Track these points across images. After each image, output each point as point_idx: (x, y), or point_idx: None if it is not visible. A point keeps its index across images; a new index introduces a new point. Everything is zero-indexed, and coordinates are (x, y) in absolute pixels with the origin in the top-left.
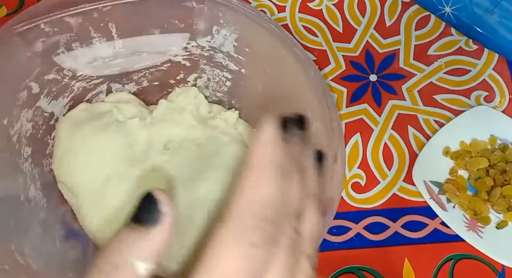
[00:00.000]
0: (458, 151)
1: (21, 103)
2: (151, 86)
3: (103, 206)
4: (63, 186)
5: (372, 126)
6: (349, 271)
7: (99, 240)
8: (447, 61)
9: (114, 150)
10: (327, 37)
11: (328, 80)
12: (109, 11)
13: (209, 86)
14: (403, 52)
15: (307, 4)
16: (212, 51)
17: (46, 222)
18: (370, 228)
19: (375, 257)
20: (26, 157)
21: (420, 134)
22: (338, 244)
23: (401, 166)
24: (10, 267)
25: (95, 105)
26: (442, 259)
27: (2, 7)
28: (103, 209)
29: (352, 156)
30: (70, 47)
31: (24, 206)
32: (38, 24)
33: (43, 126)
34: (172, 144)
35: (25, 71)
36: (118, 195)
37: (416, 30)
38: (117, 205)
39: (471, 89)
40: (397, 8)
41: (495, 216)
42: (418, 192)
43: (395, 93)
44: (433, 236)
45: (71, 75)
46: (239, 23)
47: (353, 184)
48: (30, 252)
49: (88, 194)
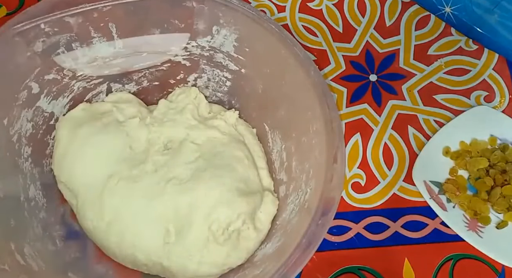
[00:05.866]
0: (458, 151)
1: (21, 103)
2: (151, 86)
3: (103, 206)
4: (63, 186)
5: (372, 126)
6: (349, 271)
7: (98, 240)
8: (447, 61)
9: (114, 150)
10: (327, 37)
11: (328, 80)
12: (109, 11)
13: (209, 86)
14: (403, 52)
15: (307, 4)
16: (212, 51)
17: (46, 222)
18: (370, 228)
19: (375, 257)
20: (26, 157)
21: (420, 134)
22: (338, 244)
23: (401, 166)
24: (10, 267)
25: (95, 105)
26: (442, 259)
27: (2, 7)
28: (103, 209)
29: (352, 156)
30: (70, 47)
31: (24, 206)
32: (38, 24)
33: (43, 126)
34: (172, 144)
35: (25, 71)
36: (118, 195)
37: (416, 30)
38: (117, 205)
39: (471, 89)
40: (397, 8)
41: (495, 216)
42: (418, 192)
43: (395, 93)
44: (433, 236)
45: (71, 75)
46: (239, 23)
47: (353, 184)
48: (30, 252)
49: (88, 194)
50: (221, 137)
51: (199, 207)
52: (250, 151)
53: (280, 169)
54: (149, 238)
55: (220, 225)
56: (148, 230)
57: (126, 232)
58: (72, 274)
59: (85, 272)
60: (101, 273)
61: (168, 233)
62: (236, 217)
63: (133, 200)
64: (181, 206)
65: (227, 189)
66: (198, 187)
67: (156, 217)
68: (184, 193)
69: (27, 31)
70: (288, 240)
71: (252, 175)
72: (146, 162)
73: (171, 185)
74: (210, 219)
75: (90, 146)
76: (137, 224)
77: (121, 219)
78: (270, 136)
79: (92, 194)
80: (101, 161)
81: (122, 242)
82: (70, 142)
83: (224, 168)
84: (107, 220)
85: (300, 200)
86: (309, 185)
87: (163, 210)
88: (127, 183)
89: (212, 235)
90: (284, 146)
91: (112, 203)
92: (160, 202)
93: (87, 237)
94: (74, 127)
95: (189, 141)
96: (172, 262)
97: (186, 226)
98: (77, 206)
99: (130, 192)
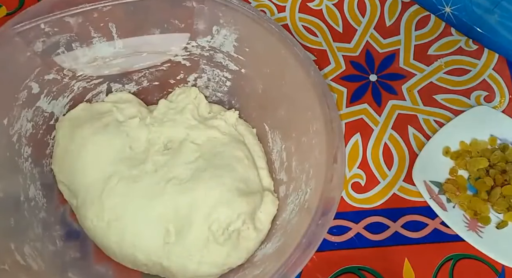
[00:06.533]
0: (458, 151)
1: (21, 103)
2: (151, 86)
3: (103, 206)
4: (63, 186)
5: (372, 126)
6: (349, 271)
7: (98, 240)
8: (447, 61)
9: (114, 150)
10: (327, 37)
11: (328, 80)
12: (109, 11)
13: (209, 86)
14: (403, 52)
15: (307, 4)
16: (212, 51)
17: (46, 222)
18: (370, 228)
19: (375, 257)
20: (26, 157)
21: (420, 134)
22: (338, 244)
23: (401, 166)
24: (10, 267)
25: (95, 105)
26: (442, 259)
27: (2, 7)
28: (103, 209)
29: (352, 156)
30: (70, 47)
31: (24, 206)
32: (38, 24)
33: (43, 126)
34: (172, 144)
35: (25, 71)
36: (118, 195)
37: (416, 30)
38: (117, 205)
39: (471, 89)
40: (397, 8)
41: (495, 216)
42: (418, 192)
43: (395, 93)
44: (433, 236)
45: (71, 75)
46: (239, 23)
47: (353, 184)
48: (30, 252)
49: (88, 194)
50: (221, 138)
51: (199, 207)
52: (250, 151)
53: (280, 169)
54: (149, 238)
55: (220, 225)
56: (148, 230)
57: (126, 232)
58: (72, 274)
59: (85, 272)
60: (101, 273)
61: (168, 233)
62: (236, 217)
63: (133, 200)
64: (181, 206)
65: (227, 189)
66: (198, 187)
67: (156, 217)
68: (184, 193)
69: (27, 31)
70: (288, 240)
71: (252, 175)
72: (146, 162)
73: (171, 185)
74: (210, 219)
75: (90, 146)
76: (137, 224)
77: (121, 219)
78: (270, 136)
79: (92, 194)
80: (101, 161)
81: (122, 242)
82: (70, 142)
83: (224, 168)
84: (107, 220)
85: (300, 200)
86: (309, 185)
87: (163, 210)
88: (127, 183)
89: (212, 235)
90: (284, 146)
91: (112, 203)
92: (160, 202)
93: (87, 237)
94: (74, 128)
95: (189, 141)
96: (172, 262)
97: (186, 226)
98: (77, 206)
99: (130, 192)
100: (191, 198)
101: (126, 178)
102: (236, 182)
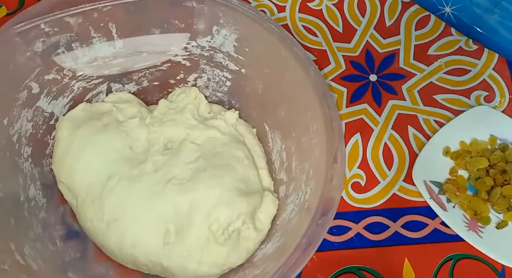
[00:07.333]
0: (458, 151)
1: (21, 103)
2: (151, 86)
3: (102, 206)
4: (63, 186)
5: (372, 126)
6: (349, 271)
7: (98, 240)
8: (447, 61)
9: (114, 150)
10: (327, 37)
11: (328, 80)
12: (109, 11)
13: (209, 86)
14: (403, 52)
15: (307, 4)
16: (212, 51)
17: (46, 222)
18: (370, 228)
19: (375, 257)
20: (26, 156)
21: (420, 134)
22: (338, 244)
23: (401, 166)
24: (10, 267)
25: (95, 105)
26: (442, 259)
27: (2, 7)
28: (102, 209)
29: (352, 156)
30: (70, 47)
31: (24, 206)
32: (38, 24)
33: (43, 126)
34: (172, 144)
35: (25, 71)
36: (118, 195)
37: (416, 30)
38: (117, 205)
39: (471, 89)
40: (397, 8)
41: (495, 216)
42: (418, 192)
43: (395, 93)
44: (433, 236)
45: (71, 75)
46: (239, 23)
47: (353, 184)
48: (30, 252)
49: (88, 194)
50: (221, 138)
51: (199, 207)
52: (250, 151)
53: (280, 169)
54: (149, 238)
55: (220, 225)
56: (148, 230)
57: (126, 232)
58: (72, 274)
59: (85, 272)
60: (101, 273)
61: (168, 233)
62: (236, 217)
63: (133, 200)
64: (181, 206)
65: (227, 189)
66: (198, 187)
67: (156, 217)
68: (184, 193)
69: (27, 31)
70: (288, 240)
71: (252, 175)
72: (146, 162)
73: (171, 185)
74: (210, 219)
75: (90, 146)
76: (137, 224)
77: (121, 219)
78: (270, 136)
79: (92, 194)
80: (101, 161)
81: (122, 242)
82: (70, 142)
83: (224, 168)
84: (107, 220)
85: (300, 200)
86: (309, 185)
87: (163, 210)
88: (127, 183)
89: (212, 235)
90: (284, 146)
91: (112, 203)
92: (160, 202)
93: (87, 237)
94: (74, 128)
95: (189, 141)
96: (172, 262)
97: (186, 226)
98: (77, 206)
99: (130, 192)
100: (191, 198)
101: (126, 178)
102: (236, 182)
